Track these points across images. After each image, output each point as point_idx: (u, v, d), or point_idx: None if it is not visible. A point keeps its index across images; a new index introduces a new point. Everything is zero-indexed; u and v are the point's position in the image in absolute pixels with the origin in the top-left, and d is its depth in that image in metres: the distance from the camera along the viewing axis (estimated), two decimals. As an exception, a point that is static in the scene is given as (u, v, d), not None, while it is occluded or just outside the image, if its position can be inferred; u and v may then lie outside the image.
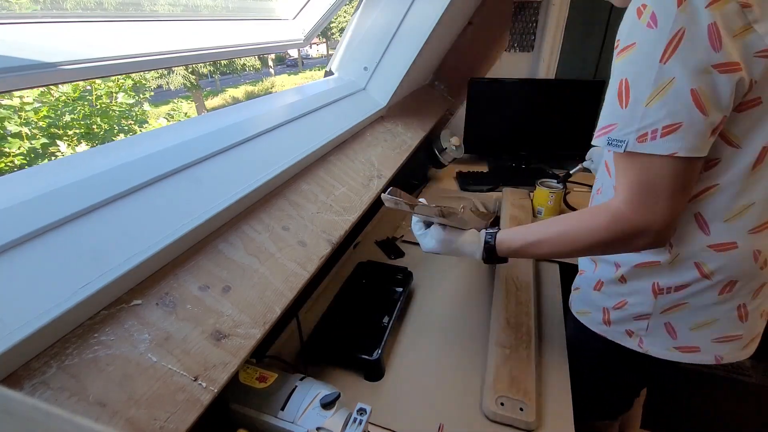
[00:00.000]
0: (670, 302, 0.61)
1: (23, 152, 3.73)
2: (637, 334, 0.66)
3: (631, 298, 0.65)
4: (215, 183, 0.58)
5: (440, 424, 0.60)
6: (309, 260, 0.63)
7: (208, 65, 13.82)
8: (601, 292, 0.69)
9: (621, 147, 0.48)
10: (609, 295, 0.68)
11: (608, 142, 0.49)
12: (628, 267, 0.63)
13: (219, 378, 0.43)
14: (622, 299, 0.66)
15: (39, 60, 0.49)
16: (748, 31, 0.42)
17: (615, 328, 0.68)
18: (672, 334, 0.63)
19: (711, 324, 0.60)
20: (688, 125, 0.44)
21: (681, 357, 0.64)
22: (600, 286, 0.69)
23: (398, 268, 0.90)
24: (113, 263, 0.41)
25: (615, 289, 0.67)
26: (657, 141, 0.45)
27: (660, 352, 0.65)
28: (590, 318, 0.73)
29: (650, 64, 0.44)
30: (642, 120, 0.46)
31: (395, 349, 0.75)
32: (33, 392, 0.33)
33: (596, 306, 0.71)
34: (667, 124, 0.45)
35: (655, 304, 0.62)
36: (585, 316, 0.74)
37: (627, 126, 0.47)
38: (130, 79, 4.95)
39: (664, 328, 0.63)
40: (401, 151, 1.11)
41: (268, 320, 0.51)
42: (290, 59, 21.94)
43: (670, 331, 0.63)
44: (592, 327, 0.72)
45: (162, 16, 0.74)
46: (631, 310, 0.65)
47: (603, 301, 0.69)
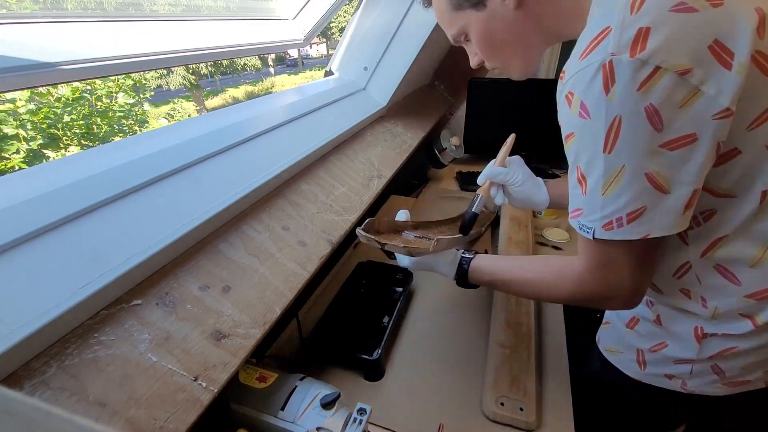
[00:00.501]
0: (717, 348, 0.53)
1: (22, 157, 3.73)
2: (679, 377, 0.58)
3: (671, 341, 0.57)
4: (215, 183, 0.58)
5: (440, 424, 0.60)
6: (309, 260, 0.63)
7: (209, 65, 13.83)
8: (635, 330, 0.62)
9: (589, 234, 0.46)
10: (644, 335, 0.60)
11: (579, 227, 0.48)
12: (664, 309, 0.57)
13: (219, 378, 0.43)
14: (661, 341, 0.58)
15: (38, 60, 0.49)
16: (697, 96, 0.38)
17: (651, 371, 0.60)
18: (720, 374, 0.55)
19: (764, 361, 0.54)
20: (652, 207, 0.42)
21: (730, 390, 0.57)
22: (634, 324, 0.62)
23: (398, 268, 0.90)
24: (113, 263, 0.41)
25: (651, 329, 0.59)
26: (624, 228, 0.43)
27: (707, 390, 0.57)
28: (620, 358, 0.65)
29: (595, 154, 0.42)
30: (603, 209, 0.44)
31: (395, 349, 0.75)
32: (33, 392, 0.33)
33: (629, 345, 0.63)
34: (631, 211, 0.42)
35: (700, 349, 0.54)
36: (614, 355, 0.66)
37: (591, 213, 0.45)
38: (130, 79, 4.96)
39: (711, 370, 0.55)
40: (401, 151, 1.11)
41: (268, 320, 0.51)
42: (290, 59, 21.95)
43: (717, 372, 0.55)
44: (623, 369, 0.64)
45: (162, 16, 0.74)
46: (670, 354, 0.57)
47: (637, 341, 0.61)
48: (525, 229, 1.06)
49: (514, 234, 1.03)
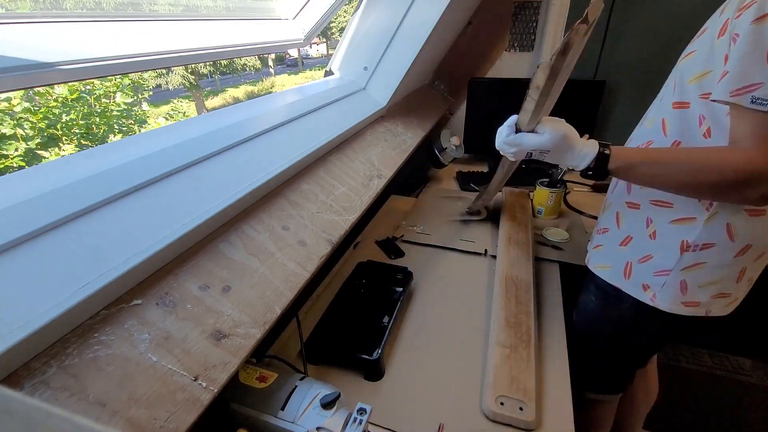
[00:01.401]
0: (693, 260, 0.65)
1: (20, 154, 3.73)
2: (652, 289, 0.71)
3: (658, 253, 0.69)
4: (215, 183, 0.58)
5: (440, 424, 0.60)
6: (309, 260, 0.63)
7: (208, 65, 13.82)
8: (628, 247, 0.73)
9: (765, 106, 0.48)
10: (636, 250, 0.72)
11: (752, 100, 0.49)
12: (663, 223, 0.67)
13: (219, 378, 0.43)
14: (649, 253, 0.70)
15: (36, 60, 0.49)
16: None
17: (633, 281, 0.73)
18: (683, 291, 0.68)
19: (717, 282, 0.66)
20: None
21: (683, 310, 0.69)
22: (628, 242, 0.73)
23: (398, 268, 0.90)
24: (113, 263, 0.41)
25: (643, 244, 0.71)
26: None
27: (668, 306, 0.70)
28: (610, 272, 0.77)
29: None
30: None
31: (395, 349, 0.75)
32: (33, 392, 0.33)
33: (619, 259, 0.75)
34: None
35: (679, 260, 0.66)
36: (604, 270, 0.79)
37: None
38: (128, 78, 4.96)
39: (679, 285, 0.68)
40: (401, 150, 1.11)
41: (268, 320, 0.51)
42: (290, 59, 21.93)
43: (682, 288, 0.68)
44: (610, 280, 0.77)
45: (161, 15, 0.74)
46: (654, 264, 0.69)
47: (629, 256, 0.73)
48: (525, 229, 1.06)
49: (514, 234, 1.03)
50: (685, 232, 0.65)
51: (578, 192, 1.38)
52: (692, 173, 0.56)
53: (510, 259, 0.93)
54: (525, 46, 1.60)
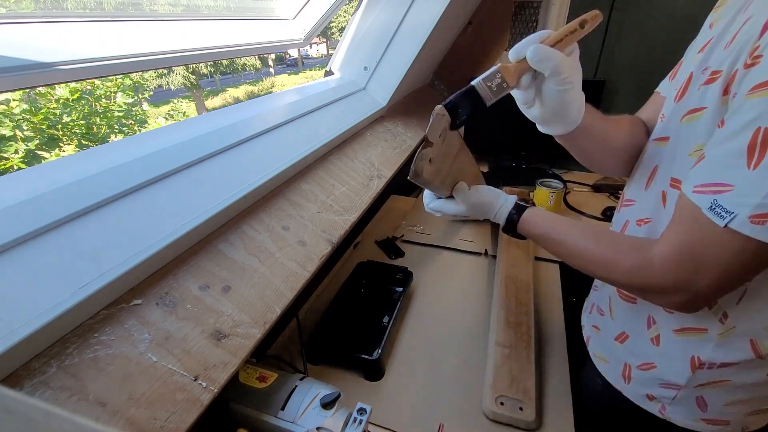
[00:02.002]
0: (709, 378, 0.51)
1: (21, 157, 3.73)
2: (660, 401, 0.56)
3: (663, 364, 0.54)
4: (215, 183, 0.58)
5: (440, 424, 0.60)
6: (309, 260, 0.63)
7: (208, 65, 13.83)
8: (624, 345, 0.59)
9: (724, 220, 0.36)
10: (632, 352, 0.58)
11: (711, 206, 0.37)
12: (666, 330, 0.53)
13: (219, 378, 0.43)
14: (650, 361, 0.56)
15: (37, 60, 0.49)
16: None
17: (634, 388, 0.59)
18: (702, 407, 0.53)
19: (750, 400, 0.52)
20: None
21: (706, 428, 0.54)
22: (623, 339, 0.59)
23: (398, 268, 0.90)
24: (113, 263, 0.41)
25: (643, 348, 0.56)
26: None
27: (684, 422, 0.55)
28: (607, 367, 0.64)
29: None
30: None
31: (395, 349, 0.75)
32: (33, 392, 0.33)
33: (616, 358, 0.61)
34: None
35: (691, 378, 0.51)
36: (602, 363, 0.65)
37: (747, 195, 0.35)
38: (129, 78, 4.96)
39: (695, 401, 0.53)
40: (401, 150, 1.11)
41: (268, 320, 0.51)
42: (290, 59, 21.94)
43: (700, 404, 0.53)
44: (608, 377, 0.63)
45: (162, 15, 0.74)
46: (659, 376, 0.55)
47: (625, 356, 0.60)
48: (525, 229, 1.06)
49: (514, 234, 1.03)
50: (694, 347, 0.50)
51: (578, 192, 1.38)
52: (585, 262, 0.50)
53: (510, 259, 0.93)
54: (525, 46, 1.59)
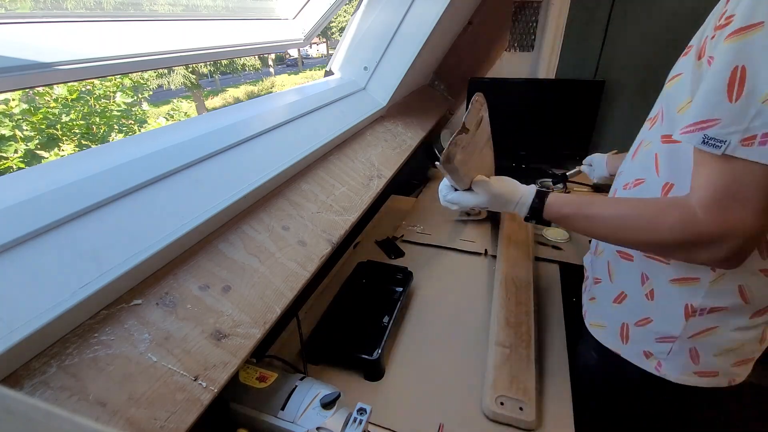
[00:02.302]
0: (702, 326, 0.55)
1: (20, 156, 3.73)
2: (656, 357, 0.60)
3: (658, 317, 0.58)
4: (215, 183, 0.58)
5: (440, 424, 0.60)
6: (309, 260, 0.63)
7: (208, 65, 13.82)
8: (623, 305, 0.63)
9: (719, 149, 0.40)
10: (631, 310, 0.62)
11: (703, 140, 0.41)
12: (661, 282, 0.57)
13: (219, 378, 0.43)
14: (647, 316, 0.59)
15: (37, 60, 0.49)
16: None
17: (632, 347, 0.63)
18: (695, 360, 0.57)
19: (736, 349, 0.56)
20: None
21: (698, 381, 0.58)
22: (622, 299, 0.63)
23: (398, 268, 0.90)
24: (113, 263, 0.41)
25: (640, 304, 0.60)
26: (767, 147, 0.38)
27: (678, 377, 0.59)
28: (605, 332, 0.67)
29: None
30: (754, 119, 0.38)
31: (395, 349, 0.75)
32: (33, 392, 0.33)
33: (614, 319, 0.65)
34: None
35: (685, 326, 0.56)
36: (599, 329, 0.68)
37: (732, 124, 0.39)
38: (129, 78, 4.96)
39: (688, 353, 0.57)
40: (401, 150, 1.11)
41: (268, 320, 0.51)
42: (290, 59, 21.93)
43: (693, 356, 0.57)
44: (606, 342, 0.67)
45: (161, 15, 0.74)
46: (655, 329, 0.59)
47: (623, 316, 0.63)
48: (525, 229, 1.06)
49: (513, 234, 1.03)
50: (689, 295, 0.54)
51: (578, 192, 1.38)
52: (626, 231, 0.50)
53: (510, 259, 0.93)
54: (525, 46, 1.59)
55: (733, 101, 0.39)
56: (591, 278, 0.73)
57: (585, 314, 0.74)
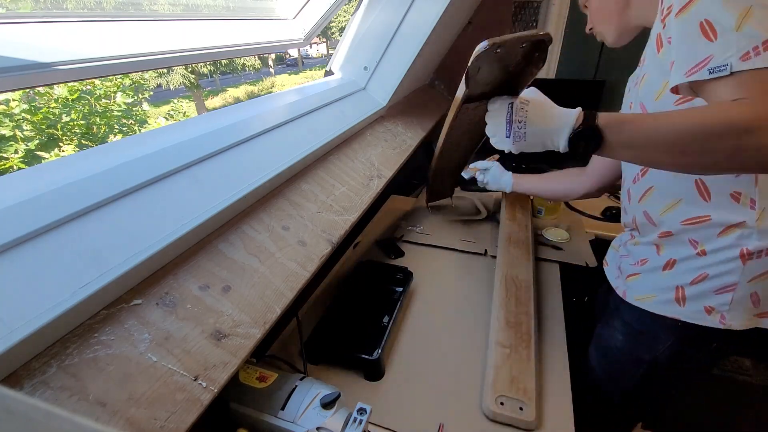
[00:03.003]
0: (761, 268, 0.57)
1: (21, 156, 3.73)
2: (719, 310, 0.61)
3: (714, 269, 0.60)
4: (215, 183, 0.58)
5: (440, 424, 0.60)
6: (309, 260, 0.63)
7: (208, 65, 13.82)
8: (674, 269, 0.64)
9: (726, 69, 0.45)
10: (684, 272, 0.63)
11: (709, 72, 0.46)
12: (710, 240, 0.59)
13: (219, 378, 0.43)
14: (702, 272, 0.61)
15: (37, 60, 0.49)
16: None
17: (692, 307, 0.63)
18: (756, 303, 0.59)
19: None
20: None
21: (759, 322, 0.61)
22: (672, 265, 0.65)
23: (398, 268, 0.90)
24: (113, 263, 0.41)
25: (693, 264, 0.62)
26: (762, 55, 0.43)
27: (744, 324, 0.61)
28: (656, 301, 0.67)
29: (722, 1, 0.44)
30: (738, 43, 0.44)
31: (395, 349, 0.75)
32: (33, 392, 0.33)
33: (666, 287, 0.66)
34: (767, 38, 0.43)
35: (743, 271, 0.57)
36: (648, 300, 0.69)
37: (724, 53, 0.45)
38: (128, 78, 4.96)
39: (750, 298, 0.59)
40: (401, 150, 1.11)
41: (268, 320, 0.51)
42: (290, 59, 21.94)
43: (755, 301, 0.59)
44: (659, 310, 0.67)
45: (162, 15, 0.74)
46: (713, 283, 0.60)
47: (675, 280, 0.64)
48: (525, 229, 1.06)
49: (514, 234, 1.03)
50: (740, 240, 0.57)
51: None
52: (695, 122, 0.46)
53: (510, 259, 0.93)
54: (525, 46, 1.59)
55: (713, 40, 0.46)
56: (630, 259, 0.74)
57: (626, 294, 0.73)
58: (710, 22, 0.46)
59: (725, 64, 0.45)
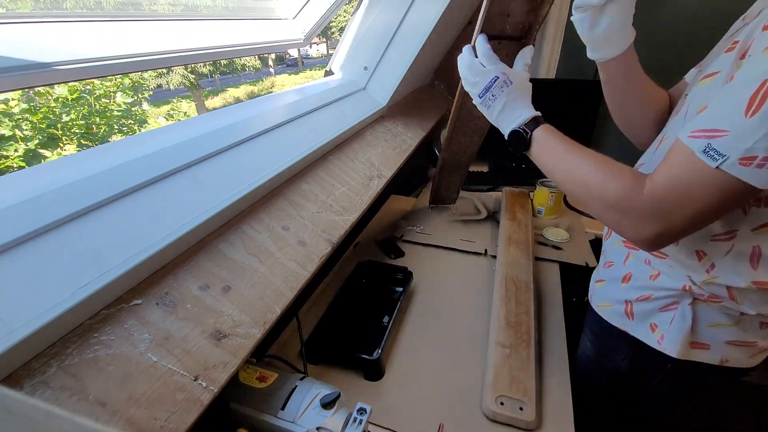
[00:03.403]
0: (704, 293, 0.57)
1: (20, 155, 3.73)
2: (660, 330, 0.62)
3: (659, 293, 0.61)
4: (215, 183, 0.58)
5: (440, 424, 0.60)
6: (309, 260, 0.63)
7: (208, 65, 13.82)
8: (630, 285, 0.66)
9: (715, 162, 0.39)
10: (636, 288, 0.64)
11: (705, 149, 0.40)
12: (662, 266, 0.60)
13: (219, 378, 0.43)
14: (648, 293, 0.62)
15: (36, 60, 0.49)
16: None
17: (638, 322, 0.65)
18: (694, 324, 0.58)
19: (730, 326, 0.58)
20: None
21: (690, 354, 0.60)
22: (628, 279, 0.66)
23: (398, 268, 0.90)
24: (113, 263, 0.41)
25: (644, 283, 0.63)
26: (762, 170, 0.37)
27: (675, 349, 0.60)
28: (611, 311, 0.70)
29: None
30: (760, 140, 0.37)
31: (395, 349, 0.75)
32: (33, 392, 0.33)
33: (620, 300, 0.68)
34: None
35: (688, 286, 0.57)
36: (606, 309, 0.70)
37: (739, 140, 0.38)
38: (128, 78, 4.96)
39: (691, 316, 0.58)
40: (401, 150, 1.11)
41: (268, 320, 0.51)
42: (290, 59, 21.93)
43: (694, 320, 0.58)
44: (612, 321, 0.69)
45: (161, 15, 0.74)
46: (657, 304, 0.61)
47: (628, 294, 0.66)
48: (525, 229, 1.06)
49: (514, 234, 1.03)
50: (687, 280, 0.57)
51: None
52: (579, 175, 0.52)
53: (510, 259, 0.93)
54: (525, 46, 1.59)
55: (748, 116, 0.38)
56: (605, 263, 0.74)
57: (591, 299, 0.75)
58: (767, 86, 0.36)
59: (724, 154, 0.38)
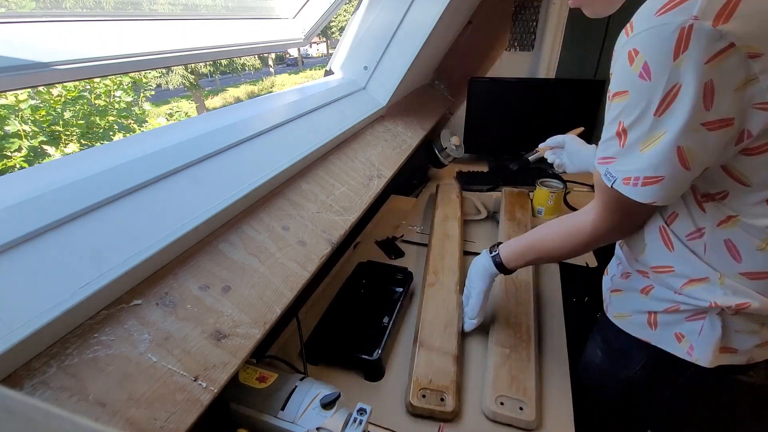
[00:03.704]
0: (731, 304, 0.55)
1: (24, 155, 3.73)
2: (688, 340, 0.58)
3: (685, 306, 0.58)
4: (215, 183, 0.58)
5: (440, 424, 0.60)
6: (309, 260, 0.63)
7: (208, 65, 13.82)
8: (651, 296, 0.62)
9: (610, 182, 0.50)
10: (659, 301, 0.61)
11: (605, 172, 0.51)
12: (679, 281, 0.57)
13: (219, 378, 0.43)
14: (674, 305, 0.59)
15: (36, 60, 0.49)
16: (751, 83, 0.38)
17: (661, 332, 0.61)
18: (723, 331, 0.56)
19: (759, 331, 0.56)
20: (669, 179, 0.45)
21: (719, 359, 0.58)
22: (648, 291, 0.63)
23: (398, 268, 0.90)
24: (113, 263, 0.41)
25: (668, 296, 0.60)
26: (638, 188, 0.47)
27: (708, 359, 0.57)
28: (630, 321, 0.66)
29: (644, 114, 0.44)
30: (632, 163, 0.47)
31: (395, 349, 0.75)
32: (33, 392, 0.33)
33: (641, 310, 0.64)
34: (649, 176, 0.46)
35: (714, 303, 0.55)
36: (624, 320, 0.67)
37: (621, 164, 0.49)
38: (129, 77, 4.95)
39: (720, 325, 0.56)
40: (401, 150, 1.11)
41: (268, 320, 0.51)
42: (290, 58, 21.93)
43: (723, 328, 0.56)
44: (632, 332, 0.65)
45: (161, 15, 0.73)
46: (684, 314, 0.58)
47: (649, 305, 0.62)
48: (525, 230, 1.06)
49: (513, 234, 1.03)
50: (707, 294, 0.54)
51: (578, 192, 1.38)
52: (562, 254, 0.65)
53: (510, 259, 0.93)
54: (525, 46, 1.59)
55: (621, 146, 0.48)
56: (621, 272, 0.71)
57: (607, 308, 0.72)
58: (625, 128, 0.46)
59: (615, 176, 0.50)
